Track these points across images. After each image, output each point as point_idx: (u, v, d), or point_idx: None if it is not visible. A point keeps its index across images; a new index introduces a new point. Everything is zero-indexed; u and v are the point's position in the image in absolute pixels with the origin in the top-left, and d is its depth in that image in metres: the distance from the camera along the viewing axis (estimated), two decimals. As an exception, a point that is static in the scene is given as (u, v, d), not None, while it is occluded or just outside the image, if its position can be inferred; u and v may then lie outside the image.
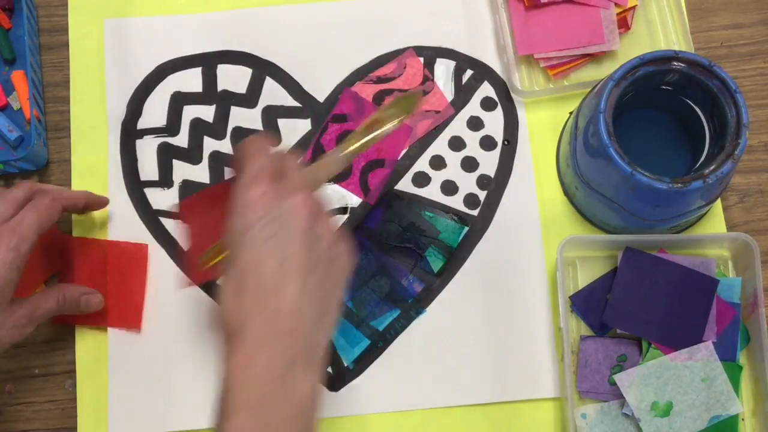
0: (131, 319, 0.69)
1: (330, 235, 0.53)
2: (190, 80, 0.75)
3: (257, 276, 0.49)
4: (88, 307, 0.67)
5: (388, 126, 0.59)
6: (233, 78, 0.75)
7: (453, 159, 0.74)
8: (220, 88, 0.75)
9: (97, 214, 0.72)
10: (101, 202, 0.70)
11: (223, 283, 0.52)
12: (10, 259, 0.59)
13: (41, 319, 0.63)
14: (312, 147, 0.74)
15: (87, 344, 0.69)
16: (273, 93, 0.75)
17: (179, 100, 0.75)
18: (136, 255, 0.70)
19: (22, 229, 0.60)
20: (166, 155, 0.74)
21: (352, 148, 0.59)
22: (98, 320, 0.69)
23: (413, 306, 0.70)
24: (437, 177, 0.73)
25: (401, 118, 0.60)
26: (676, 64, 0.65)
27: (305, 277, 0.50)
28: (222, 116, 0.75)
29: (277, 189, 0.52)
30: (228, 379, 0.48)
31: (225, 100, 0.75)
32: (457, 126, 0.75)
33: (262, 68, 0.76)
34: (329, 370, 0.69)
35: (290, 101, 0.75)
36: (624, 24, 0.75)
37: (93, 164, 0.73)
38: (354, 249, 0.55)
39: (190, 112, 0.75)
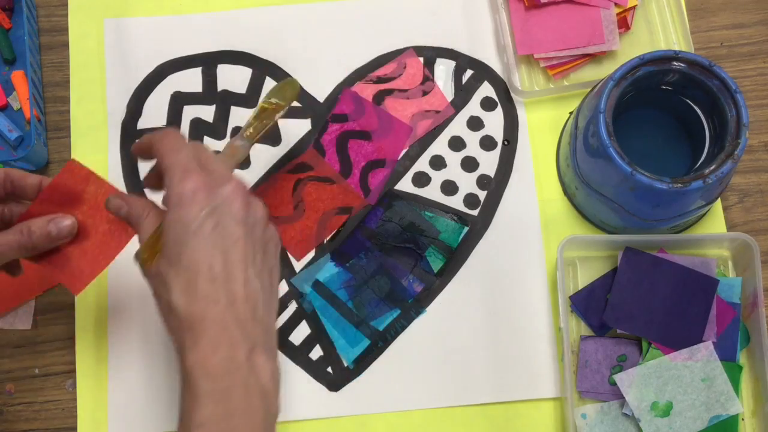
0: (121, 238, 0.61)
1: (263, 219, 0.54)
2: (190, 80, 0.75)
3: (206, 269, 0.50)
4: (60, 232, 0.58)
5: (277, 116, 0.65)
6: (233, 78, 0.75)
7: (453, 159, 0.74)
8: (220, 88, 0.75)
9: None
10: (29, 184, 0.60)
11: (167, 279, 0.51)
12: None
13: (4, 257, 0.57)
14: (312, 147, 0.74)
15: (87, 344, 0.69)
16: (273, 93, 0.75)
17: (179, 100, 0.75)
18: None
19: None
20: (166, 155, 0.74)
21: (251, 134, 0.63)
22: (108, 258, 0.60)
23: (413, 306, 0.70)
24: (437, 177, 0.73)
25: (284, 108, 0.66)
26: (676, 64, 0.65)
27: (250, 263, 0.52)
28: (222, 116, 0.74)
29: (208, 180, 0.52)
30: (189, 373, 0.48)
31: (225, 100, 0.75)
32: (457, 126, 0.75)
33: (262, 68, 0.76)
34: (329, 369, 0.69)
35: (290, 101, 0.75)
36: (624, 24, 0.75)
37: (93, 164, 0.72)
38: (278, 234, 0.56)
39: (190, 112, 0.75)
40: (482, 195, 0.73)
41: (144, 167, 0.73)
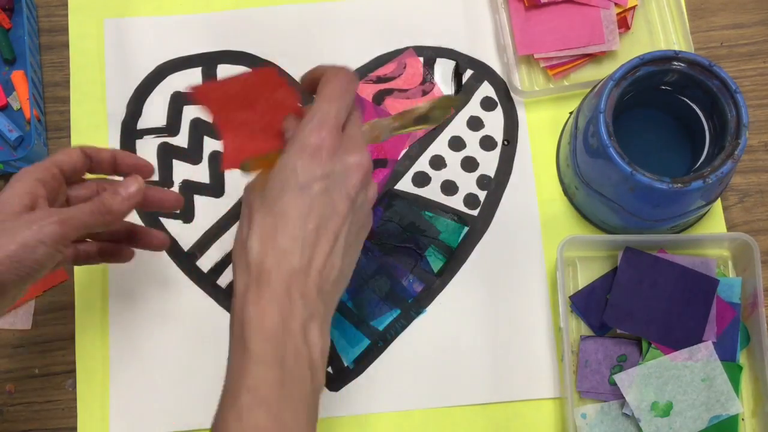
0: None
1: (370, 202, 0.54)
2: (190, 80, 0.75)
3: (297, 227, 0.49)
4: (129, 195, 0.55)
5: (430, 125, 0.61)
6: None
7: (453, 159, 0.74)
8: (220, 88, 0.75)
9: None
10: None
11: (253, 216, 0.50)
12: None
13: (80, 222, 0.53)
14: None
15: (87, 344, 0.69)
16: (273, 93, 0.75)
17: (179, 100, 0.75)
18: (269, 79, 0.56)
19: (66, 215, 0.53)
20: (166, 155, 0.74)
21: (396, 125, 0.58)
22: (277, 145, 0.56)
23: (413, 306, 0.70)
24: (437, 177, 0.73)
25: (440, 119, 0.61)
26: (676, 64, 0.65)
27: (341, 239, 0.51)
28: (222, 116, 0.74)
29: (338, 142, 0.51)
30: (244, 328, 0.47)
31: (225, 100, 0.75)
32: (457, 126, 0.75)
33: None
34: (329, 369, 0.69)
35: (290, 101, 0.75)
36: (624, 24, 0.75)
37: (93, 164, 0.73)
38: (372, 222, 0.56)
39: (190, 112, 0.74)
40: (482, 195, 0.73)
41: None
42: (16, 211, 0.52)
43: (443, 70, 0.76)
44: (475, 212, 0.73)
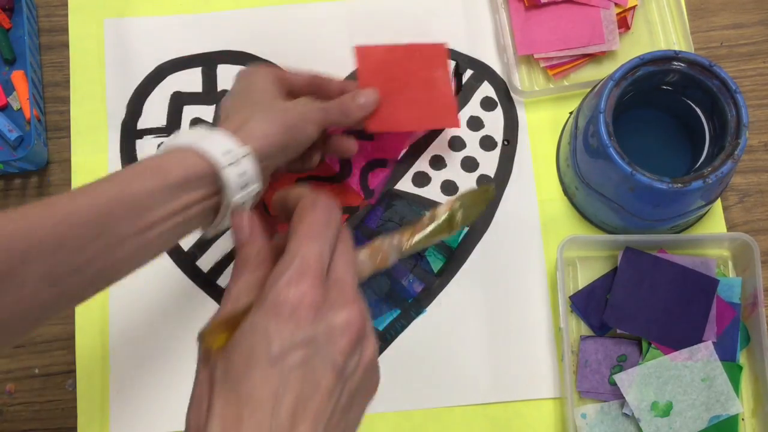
0: (447, 118, 0.67)
1: (366, 365, 0.43)
2: (190, 80, 0.75)
3: (266, 414, 0.39)
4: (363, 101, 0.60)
5: (454, 231, 0.53)
6: (233, 78, 0.75)
7: (453, 159, 0.74)
8: (220, 88, 0.75)
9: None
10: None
11: (213, 398, 0.40)
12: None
13: (332, 114, 0.59)
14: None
15: (87, 344, 0.69)
16: (273, 93, 0.75)
17: (179, 100, 0.75)
18: (435, 55, 0.63)
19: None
20: (166, 155, 0.73)
21: (413, 242, 0.50)
22: (414, 124, 0.63)
23: (413, 306, 0.70)
24: (437, 177, 0.73)
25: (468, 223, 0.53)
26: (676, 64, 0.65)
27: (324, 421, 0.40)
28: (222, 116, 0.74)
29: (322, 296, 0.41)
30: None
31: (225, 100, 0.75)
32: (457, 126, 0.75)
33: (262, 68, 0.76)
34: (329, 370, 0.69)
35: (290, 101, 0.75)
36: (624, 24, 0.75)
37: (93, 164, 0.73)
38: (378, 380, 0.46)
39: (190, 112, 0.75)
40: (482, 195, 0.73)
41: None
42: (274, 93, 0.58)
43: (443, 70, 0.76)
44: (475, 212, 0.73)
